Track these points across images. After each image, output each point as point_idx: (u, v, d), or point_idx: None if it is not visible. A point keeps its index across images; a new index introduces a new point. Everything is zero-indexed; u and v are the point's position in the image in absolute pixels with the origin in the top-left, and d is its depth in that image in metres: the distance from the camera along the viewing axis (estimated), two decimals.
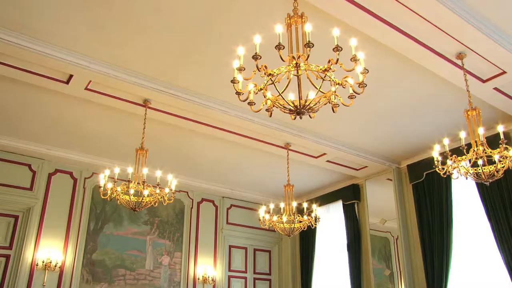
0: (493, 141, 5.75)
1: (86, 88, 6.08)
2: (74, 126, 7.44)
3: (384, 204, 8.93)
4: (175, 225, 9.82)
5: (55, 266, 7.97)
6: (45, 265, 7.88)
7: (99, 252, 8.71)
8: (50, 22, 4.96)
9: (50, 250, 8.05)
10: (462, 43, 5.08)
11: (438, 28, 4.81)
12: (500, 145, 4.74)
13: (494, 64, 5.51)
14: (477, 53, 5.27)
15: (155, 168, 6.66)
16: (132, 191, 5.92)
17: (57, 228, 8.30)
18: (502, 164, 4.82)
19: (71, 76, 5.79)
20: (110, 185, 6.02)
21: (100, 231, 8.84)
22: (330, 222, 10.14)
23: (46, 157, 8.42)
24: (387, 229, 8.79)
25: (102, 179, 6.21)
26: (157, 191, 6.06)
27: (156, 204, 6.12)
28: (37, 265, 7.85)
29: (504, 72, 5.67)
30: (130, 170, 6.05)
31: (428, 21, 4.70)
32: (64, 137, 7.88)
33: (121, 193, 5.98)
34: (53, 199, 8.43)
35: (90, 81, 5.91)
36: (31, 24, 4.98)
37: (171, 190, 6.25)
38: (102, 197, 6.12)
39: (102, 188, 6.10)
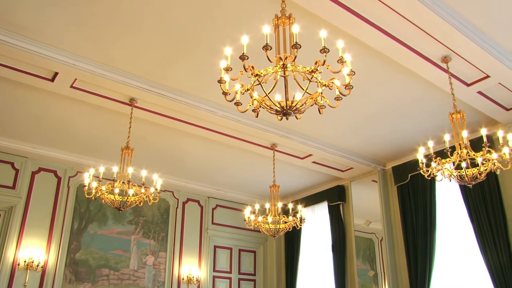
0: (476, 144, 5.82)
1: (71, 86, 6.02)
2: (59, 124, 7.37)
3: (369, 205, 8.99)
4: (160, 225, 9.77)
5: (37, 266, 7.87)
6: (27, 265, 7.78)
7: (83, 251, 8.62)
8: (36, 19, 4.91)
9: (33, 250, 7.94)
10: (447, 47, 5.14)
11: (424, 31, 4.86)
12: (483, 148, 4.81)
13: (478, 68, 5.58)
14: (462, 57, 5.33)
15: (140, 168, 6.63)
16: (117, 191, 5.88)
17: (40, 228, 8.19)
18: (485, 167, 4.89)
19: (56, 73, 5.73)
20: (94, 184, 5.97)
21: (84, 231, 8.75)
22: (315, 223, 10.18)
23: (30, 155, 8.32)
24: (372, 230, 8.85)
25: (87, 178, 6.17)
26: (142, 190, 6.02)
27: (141, 203, 6.08)
28: (18, 264, 7.75)
29: (487, 76, 5.75)
30: (115, 169, 6.00)
31: (415, 25, 4.75)
32: (48, 135, 7.80)
33: (106, 192, 5.93)
34: (36, 198, 8.32)
35: (76, 79, 5.85)
36: (16, 21, 4.92)
37: (157, 189, 6.22)
38: (87, 196, 6.07)
39: (86, 187, 6.05)
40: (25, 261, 7.79)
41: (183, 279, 9.58)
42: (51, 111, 6.96)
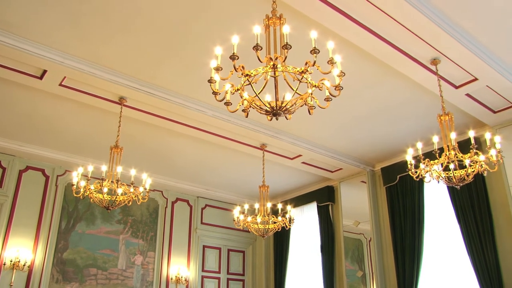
0: (464, 146, 5.87)
1: (60, 84, 5.97)
2: (48, 123, 7.31)
3: (358, 206, 9.03)
4: (149, 224, 9.73)
5: (24, 265, 7.80)
6: (13, 265, 7.70)
7: (70, 251, 8.56)
8: (25, 17, 4.86)
9: (19, 249, 7.86)
10: (436, 49, 5.19)
11: (414, 33, 4.90)
12: (471, 150, 4.86)
13: (467, 71, 5.63)
14: (450, 60, 5.38)
15: (129, 167, 6.59)
16: (105, 190, 5.85)
17: (26, 227, 8.11)
18: (472, 168, 4.93)
19: (45, 71, 5.68)
20: (83, 183, 5.93)
21: (72, 230, 8.68)
22: (304, 224, 10.20)
23: (17, 153, 8.24)
24: (361, 231, 8.89)
25: (75, 177, 6.12)
26: (131, 190, 5.99)
27: (130, 203, 6.06)
28: (4, 264, 7.67)
29: (475, 79, 5.80)
30: (104, 168, 5.97)
31: (404, 27, 4.78)
32: (36, 134, 7.73)
33: (95, 191, 5.90)
34: (23, 196, 8.25)
35: (65, 77, 5.80)
36: (5, 18, 4.87)
37: (146, 189, 6.19)
38: (75, 195, 6.03)
39: (75, 186, 6.01)
40: (11, 261, 7.71)
41: (171, 279, 9.55)
42: (40, 109, 6.90)
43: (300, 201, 10.34)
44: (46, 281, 8.07)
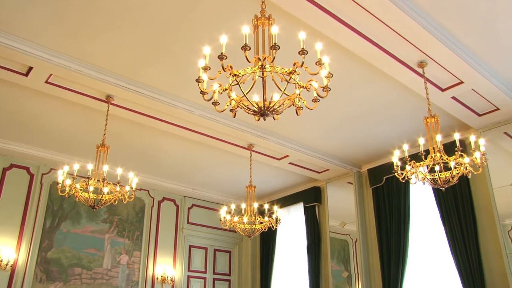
0: (449, 148, 5.94)
1: (46, 82, 5.90)
2: (33, 120, 7.22)
3: (344, 207, 9.07)
4: (135, 224, 9.68)
5: (7, 265, 7.69)
6: None
7: (55, 250, 8.47)
8: (11, 12, 4.79)
9: (2, 248, 7.76)
10: (423, 52, 5.23)
11: (401, 36, 4.94)
12: (456, 152, 4.91)
13: (453, 74, 5.70)
14: (437, 63, 5.44)
15: (116, 166, 6.55)
16: (91, 188, 5.80)
17: (10, 226, 8.01)
18: (457, 170, 4.99)
19: (30, 68, 5.61)
20: (68, 181, 5.87)
21: (57, 229, 8.60)
22: (291, 224, 10.22)
23: (1, 151, 8.13)
24: (347, 232, 8.94)
25: (61, 175, 6.07)
26: (118, 189, 5.95)
27: (116, 202, 6.02)
28: None
29: (461, 82, 5.87)
30: (90, 166, 5.92)
31: (392, 29, 4.82)
32: (21, 131, 7.63)
33: (80, 190, 5.85)
34: (7, 195, 8.14)
35: (51, 74, 5.74)
36: None
37: (132, 188, 6.16)
38: (60, 194, 5.97)
39: (60, 185, 5.95)
40: None
41: (157, 278, 9.50)
42: (25, 106, 6.81)
43: (286, 201, 10.36)
44: (29, 280, 7.97)
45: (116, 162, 7.29)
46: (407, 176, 5.21)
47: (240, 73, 3.17)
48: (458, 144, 4.97)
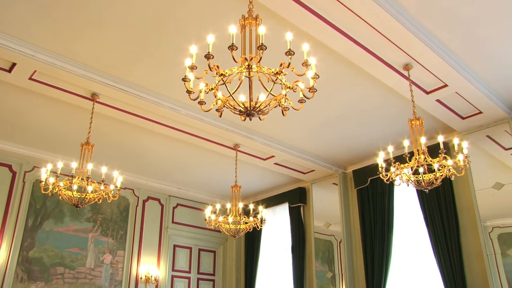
0: (433, 150, 5.99)
1: (30, 78, 5.82)
2: (16, 117, 7.12)
3: (329, 207, 9.11)
4: (119, 223, 9.60)
5: None
6: None
7: (37, 249, 8.36)
8: None
9: None
10: (409, 55, 5.28)
11: (387, 38, 4.98)
12: (440, 155, 4.96)
13: (437, 77, 5.76)
14: (422, 66, 5.49)
15: (100, 164, 6.47)
16: (75, 187, 5.74)
17: None
18: (441, 172, 5.04)
19: (14, 64, 5.53)
20: (52, 179, 5.80)
21: (39, 228, 8.49)
22: (276, 224, 10.24)
23: None
24: (331, 233, 8.98)
25: (44, 173, 5.98)
26: (102, 187, 5.90)
27: (100, 201, 5.96)
28: None
29: (445, 85, 5.94)
30: (74, 165, 5.85)
31: (378, 32, 4.86)
32: (3, 128, 7.52)
33: (64, 188, 5.78)
34: None
35: (35, 71, 5.66)
36: None
37: (116, 187, 6.11)
38: (43, 192, 5.88)
39: (43, 183, 5.87)
40: None
41: (141, 278, 9.45)
42: (7, 103, 6.72)
43: (272, 202, 10.37)
44: (9, 280, 7.85)
45: (101, 160, 7.20)
46: (392, 178, 5.25)
47: (226, 73, 3.16)
48: (442, 146, 5.02)
